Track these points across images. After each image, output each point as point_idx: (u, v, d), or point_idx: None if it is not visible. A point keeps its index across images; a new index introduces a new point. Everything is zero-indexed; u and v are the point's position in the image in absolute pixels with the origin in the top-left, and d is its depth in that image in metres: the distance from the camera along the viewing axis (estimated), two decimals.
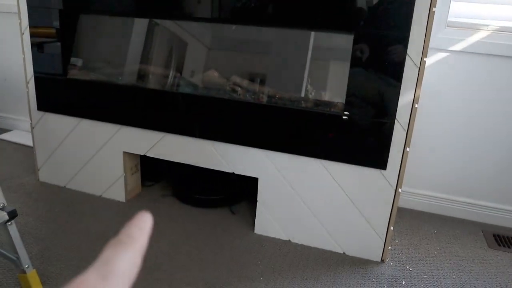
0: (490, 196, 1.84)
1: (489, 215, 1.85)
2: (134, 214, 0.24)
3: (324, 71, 1.50)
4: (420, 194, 1.92)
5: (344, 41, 1.40)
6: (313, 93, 1.48)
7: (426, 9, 1.27)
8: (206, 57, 1.62)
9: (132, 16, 1.68)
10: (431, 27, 1.28)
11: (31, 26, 1.76)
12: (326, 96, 1.48)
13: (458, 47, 1.70)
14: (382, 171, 1.43)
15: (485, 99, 1.73)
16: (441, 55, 1.73)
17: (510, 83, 1.69)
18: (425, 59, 1.31)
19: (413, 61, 1.32)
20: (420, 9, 1.27)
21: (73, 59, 1.78)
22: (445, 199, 1.89)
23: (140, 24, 1.68)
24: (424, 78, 1.34)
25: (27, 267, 1.23)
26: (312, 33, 1.46)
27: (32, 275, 1.25)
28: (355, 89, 1.39)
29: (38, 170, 1.98)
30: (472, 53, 1.70)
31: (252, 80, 1.54)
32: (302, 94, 1.48)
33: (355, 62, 1.37)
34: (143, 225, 0.25)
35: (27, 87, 1.86)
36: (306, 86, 1.48)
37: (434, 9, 1.27)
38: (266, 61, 1.57)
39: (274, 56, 1.55)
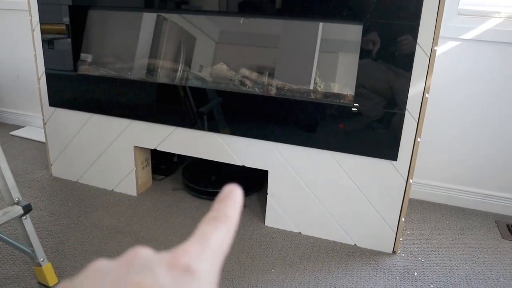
0: (503, 186, 1.81)
1: (503, 205, 1.83)
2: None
3: (333, 62, 1.49)
4: (431, 185, 1.91)
5: (353, 32, 1.39)
6: (322, 85, 1.47)
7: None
8: (214, 51, 1.62)
9: (140, 10, 1.68)
10: (442, 15, 1.26)
11: (42, 22, 1.78)
12: (336, 88, 1.47)
13: (469, 35, 1.67)
14: (393, 162, 1.42)
15: (497, 88, 1.71)
16: (452, 43, 1.71)
17: None
18: (435, 48, 1.30)
19: (424, 50, 1.30)
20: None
21: (83, 55, 1.79)
22: (457, 190, 1.87)
23: (148, 19, 1.68)
24: (435, 67, 1.33)
25: (42, 260, 1.26)
26: (321, 24, 1.45)
27: (48, 268, 1.28)
28: (364, 80, 1.38)
29: (51, 165, 2.01)
30: (484, 41, 1.67)
31: (261, 72, 1.54)
32: (311, 86, 1.47)
33: (364, 53, 1.36)
34: (234, 201, 0.25)
35: (39, 83, 1.88)
36: (315, 78, 1.47)
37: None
38: (275, 53, 1.56)
39: (283, 48, 1.54)
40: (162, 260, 0.20)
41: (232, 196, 0.25)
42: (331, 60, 1.49)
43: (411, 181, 1.42)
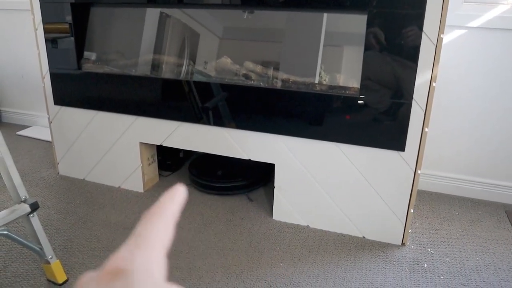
0: None
1: None
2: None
3: (338, 54, 1.47)
4: (440, 176, 1.89)
5: (357, 23, 1.37)
6: (327, 78, 1.45)
7: None
8: (218, 47, 1.61)
9: (142, 6, 1.67)
10: (448, 3, 1.24)
11: (44, 22, 1.77)
12: (341, 80, 1.45)
13: (476, 23, 1.65)
14: (401, 153, 1.41)
15: (506, 75, 1.68)
16: (459, 32, 1.68)
17: None
18: (442, 35, 1.28)
19: (430, 39, 1.28)
20: None
21: (86, 53, 1.79)
22: (466, 181, 1.85)
23: (152, 15, 1.67)
24: (442, 56, 1.31)
25: (50, 258, 1.26)
26: (325, 15, 1.43)
27: (56, 265, 1.28)
28: (370, 71, 1.36)
29: (58, 164, 2.01)
30: (492, 28, 1.64)
31: (265, 66, 1.53)
32: (316, 79, 1.46)
33: (369, 43, 1.34)
34: (174, 194, 0.26)
35: (43, 82, 1.88)
36: (320, 71, 1.45)
37: None
38: (279, 47, 1.54)
39: (287, 42, 1.52)
40: (93, 278, 0.22)
41: (172, 191, 0.26)
42: (336, 52, 1.47)
43: (419, 172, 1.41)
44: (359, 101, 1.39)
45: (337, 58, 1.47)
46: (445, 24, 1.26)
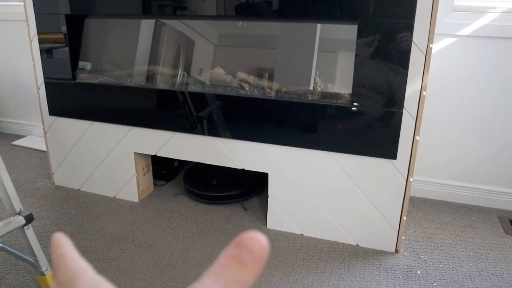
0: (505, 181, 1.81)
1: (506, 200, 1.82)
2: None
3: (330, 62, 1.49)
4: (432, 183, 1.90)
5: (350, 31, 1.39)
6: (321, 86, 1.47)
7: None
8: (213, 54, 1.63)
9: (137, 17, 1.69)
10: (436, 12, 1.26)
11: (39, 32, 1.79)
12: (334, 88, 1.47)
13: (466, 31, 1.67)
14: (393, 161, 1.42)
15: (496, 83, 1.70)
16: (450, 40, 1.70)
17: None
18: (431, 45, 1.30)
19: (419, 48, 1.30)
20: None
21: (81, 63, 1.80)
22: (458, 187, 1.87)
23: (147, 25, 1.69)
24: (433, 64, 1.33)
25: (45, 269, 1.26)
26: (318, 25, 1.45)
27: (51, 277, 1.28)
28: (361, 79, 1.38)
29: (53, 174, 2.02)
30: (481, 36, 1.66)
31: (260, 75, 1.54)
32: (310, 87, 1.47)
33: (360, 52, 1.36)
34: (257, 252, 0.22)
35: (38, 93, 1.89)
36: (314, 79, 1.47)
37: None
38: (274, 55, 1.56)
39: (281, 50, 1.54)
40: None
41: (252, 242, 0.22)
42: (328, 60, 1.49)
43: (411, 179, 1.42)
44: (352, 108, 1.40)
45: (332, 65, 1.48)
46: (434, 34, 1.29)
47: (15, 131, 2.78)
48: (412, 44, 1.30)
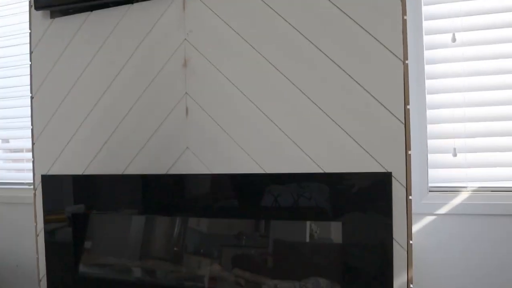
0: None
1: None
2: None
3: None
4: None
5: (333, 228, 1.51)
6: None
7: (403, 197, 1.40)
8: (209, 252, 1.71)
9: (138, 214, 1.82)
10: (411, 211, 1.39)
11: (46, 231, 1.90)
12: None
13: (443, 210, 1.81)
14: None
15: (477, 254, 1.78)
16: (429, 218, 1.83)
17: (495, 239, 1.76)
18: (411, 241, 1.40)
19: (400, 245, 1.40)
20: (398, 196, 1.39)
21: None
22: None
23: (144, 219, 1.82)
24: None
25: None
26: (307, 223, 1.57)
27: None
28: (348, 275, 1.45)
29: None
30: (456, 214, 1.80)
31: (255, 267, 1.61)
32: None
33: (345, 248, 1.45)
34: None
35: (39, 286, 1.92)
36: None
37: (410, 197, 1.39)
38: (267, 250, 1.65)
39: (273, 244, 1.64)
40: None
41: None
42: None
43: None
44: None
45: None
46: (412, 231, 1.40)
47: None
48: (393, 241, 1.41)
